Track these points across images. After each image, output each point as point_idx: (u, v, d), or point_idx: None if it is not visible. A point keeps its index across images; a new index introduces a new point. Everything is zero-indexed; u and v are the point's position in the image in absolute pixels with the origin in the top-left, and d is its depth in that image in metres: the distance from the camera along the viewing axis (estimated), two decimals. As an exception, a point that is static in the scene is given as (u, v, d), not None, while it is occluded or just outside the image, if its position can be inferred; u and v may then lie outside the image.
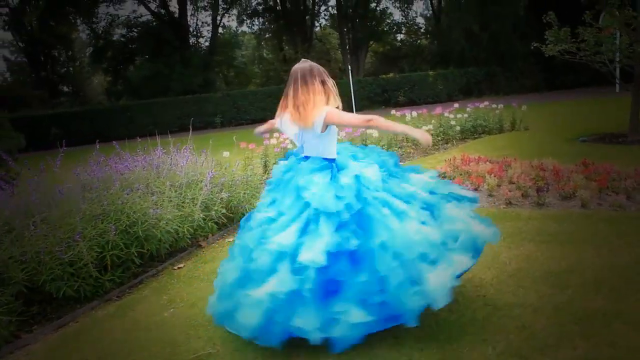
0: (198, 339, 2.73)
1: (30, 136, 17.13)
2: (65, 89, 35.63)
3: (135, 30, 26.23)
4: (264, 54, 34.91)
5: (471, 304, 2.77)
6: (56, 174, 4.14)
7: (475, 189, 5.30)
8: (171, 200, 4.14)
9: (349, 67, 18.03)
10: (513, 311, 2.64)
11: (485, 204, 4.76)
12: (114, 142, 4.88)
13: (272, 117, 2.96)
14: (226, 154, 7.36)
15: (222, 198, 4.63)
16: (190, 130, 5.71)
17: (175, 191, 4.34)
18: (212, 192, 4.58)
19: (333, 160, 2.68)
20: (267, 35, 32.59)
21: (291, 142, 6.82)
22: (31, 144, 11.09)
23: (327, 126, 2.59)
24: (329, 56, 32.79)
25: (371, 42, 30.76)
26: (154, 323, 3.02)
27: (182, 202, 4.29)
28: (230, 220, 4.86)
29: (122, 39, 26.47)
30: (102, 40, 26.72)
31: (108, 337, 2.91)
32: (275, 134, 7.49)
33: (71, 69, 33.96)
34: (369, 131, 8.06)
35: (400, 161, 7.95)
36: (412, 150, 8.83)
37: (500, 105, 10.36)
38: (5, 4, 26.17)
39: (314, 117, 2.55)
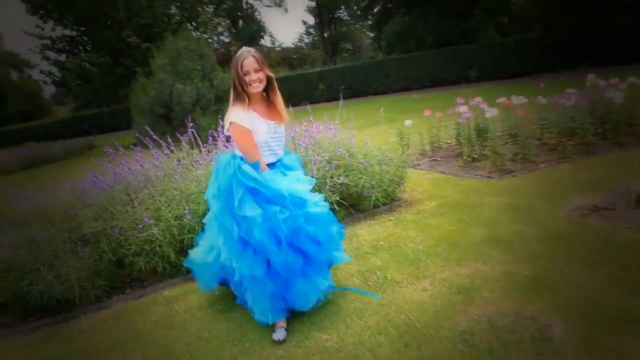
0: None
1: (302, 92, 19.84)
2: (348, 46, 39.94)
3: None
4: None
5: None
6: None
7: None
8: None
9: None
10: None
11: None
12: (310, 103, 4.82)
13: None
14: (408, 122, 6.47)
15: (335, 183, 4.03)
16: (341, 99, 5.17)
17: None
18: (325, 174, 4.02)
19: None
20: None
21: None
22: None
23: None
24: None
25: None
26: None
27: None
28: (345, 208, 4.23)
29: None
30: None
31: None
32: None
33: (351, 27, 37.38)
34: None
35: (579, 153, 5.24)
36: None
37: None
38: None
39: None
